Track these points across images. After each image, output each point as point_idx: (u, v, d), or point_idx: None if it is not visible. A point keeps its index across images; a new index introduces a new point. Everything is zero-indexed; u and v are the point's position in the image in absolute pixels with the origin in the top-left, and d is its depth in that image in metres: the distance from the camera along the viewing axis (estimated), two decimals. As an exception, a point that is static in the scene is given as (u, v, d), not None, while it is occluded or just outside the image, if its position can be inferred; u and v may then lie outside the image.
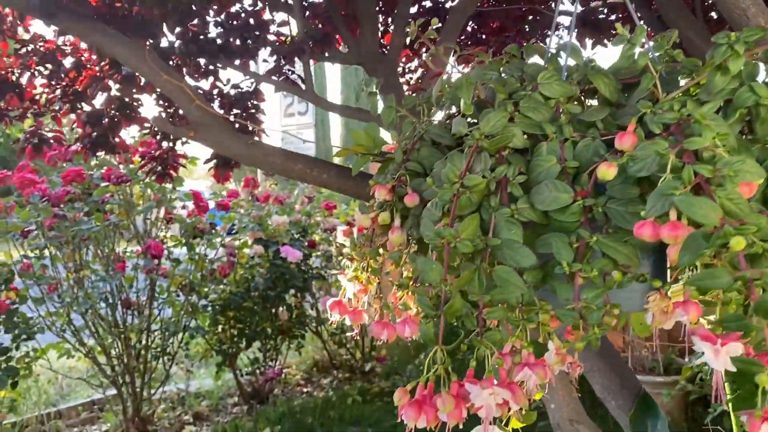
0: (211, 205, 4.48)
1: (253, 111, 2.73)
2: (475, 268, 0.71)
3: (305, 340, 4.86)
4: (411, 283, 0.83)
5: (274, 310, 4.57)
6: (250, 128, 2.72)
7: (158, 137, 2.79)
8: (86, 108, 2.65)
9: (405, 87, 3.02)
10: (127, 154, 4.02)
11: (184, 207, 4.28)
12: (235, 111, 2.65)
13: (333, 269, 4.86)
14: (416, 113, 1.03)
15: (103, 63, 2.27)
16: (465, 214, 0.74)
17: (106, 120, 2.57)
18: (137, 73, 2.09)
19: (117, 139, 2.68)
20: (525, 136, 0.79)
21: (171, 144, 2.82)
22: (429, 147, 0.91)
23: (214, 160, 2.68)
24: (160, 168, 2.85)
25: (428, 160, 0.91)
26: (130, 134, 4.05)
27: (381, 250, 0.96)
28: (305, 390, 5.00)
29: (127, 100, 2.57)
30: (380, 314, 0.91)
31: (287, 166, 1.54)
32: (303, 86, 2.38)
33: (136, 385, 4.10)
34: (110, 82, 2.49)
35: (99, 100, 2.58)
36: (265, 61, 2.47)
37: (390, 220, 0.87)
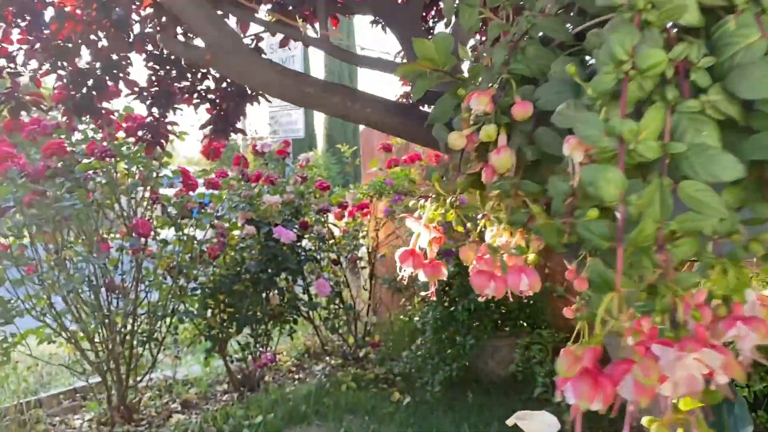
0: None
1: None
2: (657, 184, 0.48)
3: (297, 326, 4.62)
4: (538, 215, 0.60)
5: (265, 294, 4.33)
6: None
7: (148, 102, 2.53)
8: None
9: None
10: (111, 129, 3.75)
11: (171, 185, 4.01)
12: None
13: (327, 252, 4.62)
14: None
15: (90, 8, 2.00)
16: (628, 113, 0.51)
17: (92, 80, 2.30)
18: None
19: (103, 103, 2.42)
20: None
21: (162, 110, 2.56)
22: (537, 46, 0.68)
23: (210, 126, 2.42)
24: (150, 136, 2.59)
25: (537, 61, 0.67)
26: (113, 107, 3.76)
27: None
28: (297, 377, 4.77)
29: (115, 57, 2.30)
30: (482, 263, 0.68)
31: (324, 98, 1.29)
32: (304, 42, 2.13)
33: (121, 372, 3.83)
34: (95, 38, 2.22)
35: (84, 58, 2.31)
36: (267, 14, 2.22)
37: (495, 135, 0.64)
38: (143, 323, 3.89)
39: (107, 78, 2.32)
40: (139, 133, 2.56)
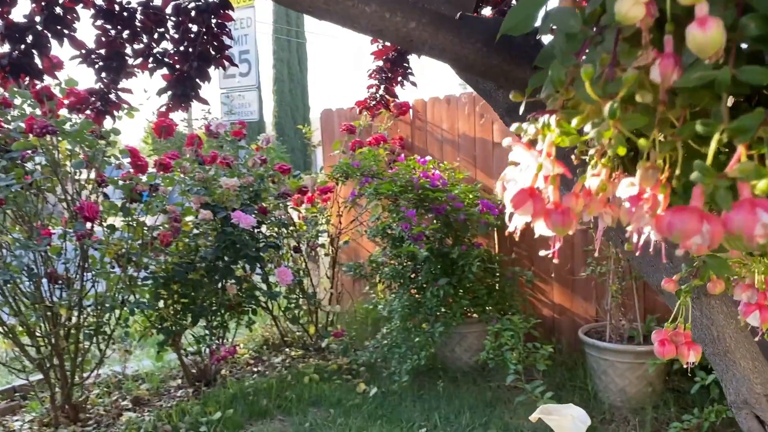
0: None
1: (216, 38, 2.20)
2: None
3: (256, 316, 4.33)
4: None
5: (221, 283, 4.03)
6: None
7: (97, 66, 2.21)
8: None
9: None
10: (52, 103, 3.40)
11: (119, 166, 3.67)
12: (194, 29, 2.11)
13: (287, 238, 4.35)
14: None
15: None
16: None
17: (31, 36, 1.98)
18: None
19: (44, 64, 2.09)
20: None
21: (113, 76, 2.25)
22: None
23: (170, 92, 2.13)
24: (99, 105, 2.27)
25: None
26: (55, 80, 3.40)
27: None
28: (255, 370, 4.48)
29: (58, 12, 1.99)
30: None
31: (354, 6, 1.01)
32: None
33: (65, 368, 3.49)
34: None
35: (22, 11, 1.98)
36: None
37: (700, -2, 0.40)
38: (90, 316, 3.55)
39: (50, 34, 2.00)
40: (88, 101, 2.24)
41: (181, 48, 2.19)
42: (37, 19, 1.97)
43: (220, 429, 3.47)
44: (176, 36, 2.20)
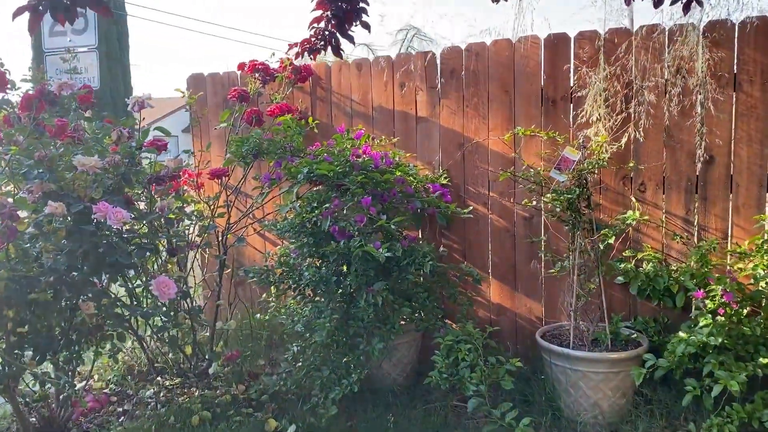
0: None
1: None
2: None
3: (124, 342, 3.23)
4: None
5: (75, 302, 2.90)
6: None
7: None
8: None
9: None
10: None
11: None
12: None
13: (171, 237, 3.27)
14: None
15: None
16: None
17: None
18: None
19: None
20: None
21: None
22: None
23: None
24: None
25: None
26: None
27: None
28: (121, 410, 3.38)
29: None
30: None
31: None
32: None
33: None
34: None
35: None
36: None
37: None
38: None
39: None
40: None
41: None
42: None
43: None
44: None
